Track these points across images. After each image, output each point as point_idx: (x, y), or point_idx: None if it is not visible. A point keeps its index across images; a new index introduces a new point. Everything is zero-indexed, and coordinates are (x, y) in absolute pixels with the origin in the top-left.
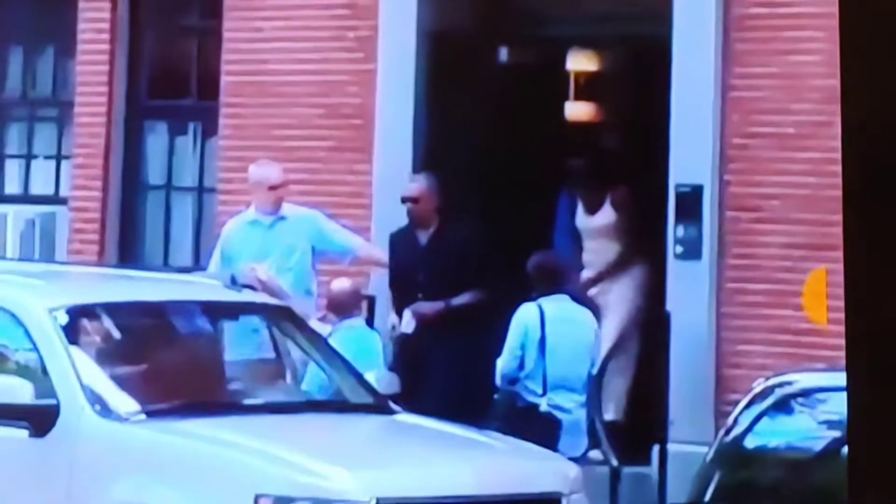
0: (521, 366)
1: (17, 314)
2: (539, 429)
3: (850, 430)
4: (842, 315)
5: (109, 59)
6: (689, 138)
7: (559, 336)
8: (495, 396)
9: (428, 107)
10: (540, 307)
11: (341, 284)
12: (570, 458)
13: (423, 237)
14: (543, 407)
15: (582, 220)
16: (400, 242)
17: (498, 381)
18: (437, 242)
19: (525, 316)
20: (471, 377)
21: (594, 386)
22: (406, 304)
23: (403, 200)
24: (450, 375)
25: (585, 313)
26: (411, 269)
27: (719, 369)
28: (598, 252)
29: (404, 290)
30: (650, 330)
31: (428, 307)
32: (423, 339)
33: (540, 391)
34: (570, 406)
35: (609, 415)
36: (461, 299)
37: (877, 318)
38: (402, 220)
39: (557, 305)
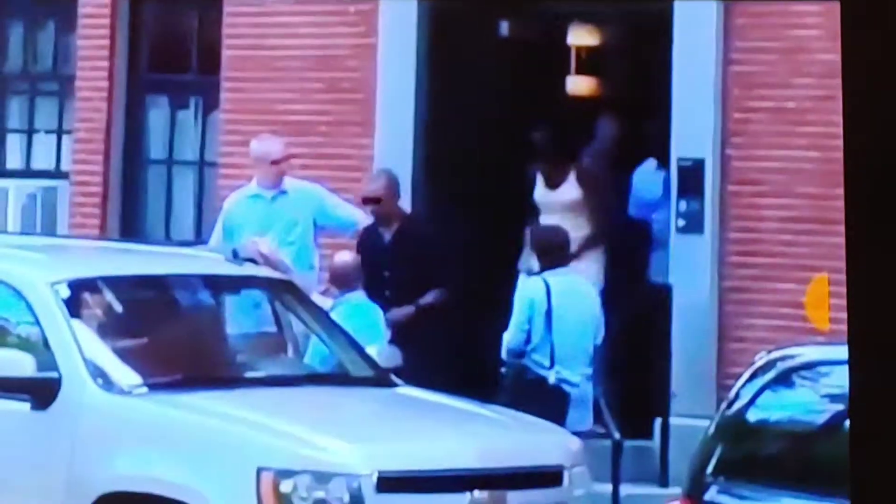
0: (528, 340)
1: (18, 288)
2: (547, 402)
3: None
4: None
5: (110, 34)
6: (690, 112)
7: (565, 309)
8: (502, 370)
9: (429, 81)
10: (545, 281)
11: (343, 258)
12: (577, 433)
13: (387, 235)
14: (552, 380)
15: (542, 193)
16: (367, 241)
17: (504, 354)
18: (400, 240)
19: (531, 289)
20: (469, 352)
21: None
22: (376, 300)
23: (364, 201)
24: (450, 350)
25: (589, 286)
26: (377, 267)
27: (721, 343)
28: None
29: (373, 288)
30: (652, 303)
31: (399, 314)
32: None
33: (547, 364)
34: (576, 380)
35: (611, 388)
36: (429, 298)
37: (880, 324)
38: (404, 193)
39: (562, 279)
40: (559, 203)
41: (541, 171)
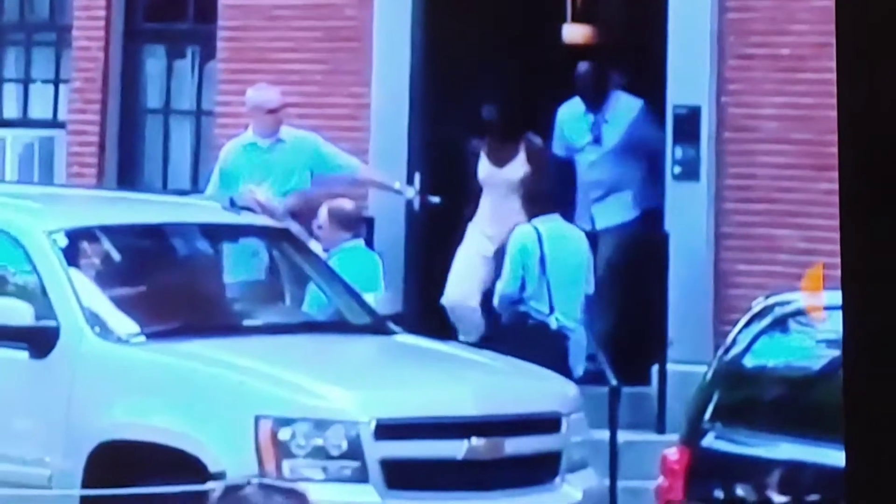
0: (522, 287)
1: (16, 237)
2: (550, 348)
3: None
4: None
5: None
6: (686, 59)
7: (556, 255)
8: (503, 318)
9: (425, 29)
10: (535, 228)
11: (342, 203)
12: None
13: None
14: (553, 325)
15: (488, 171)
16: None
17: (496, 303)
18: None
19: (523, 237)
20: None
21: (593, 306)
22: None
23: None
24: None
25: (578, 232)
26: None
27: (718, 289)
28: (503, 209)
29: None
30: (649, 250)
31: None
32: None
33: (546, 310)
34: (572, 325)
35: (608, 334)
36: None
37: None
38: (400, 142)
39: (552, 225)
40: (506, 181)
41: (487, 148)
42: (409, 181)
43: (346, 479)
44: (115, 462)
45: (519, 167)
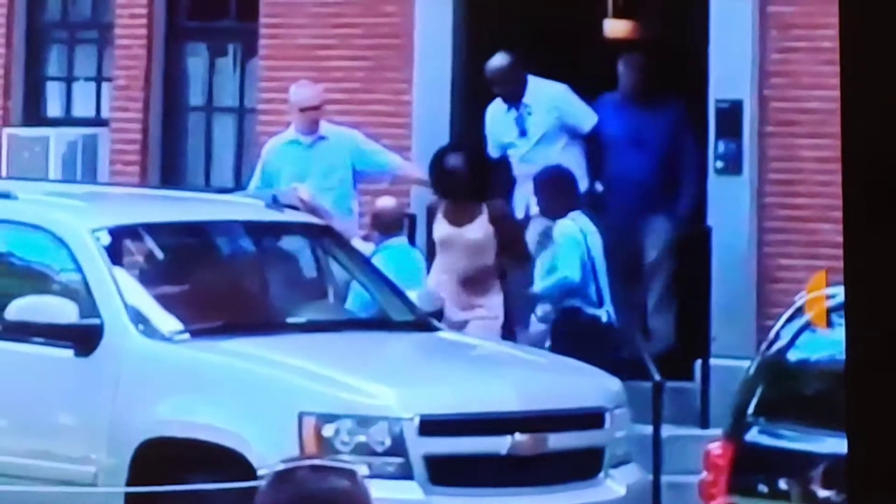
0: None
1: (60, 235)
2: (604, 341)
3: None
4: None
5: None
6: (728, 54)
7: (594, 249)
8: (550, 314)
9: (466, 25)
10: (574, 222)
11: (385, 203)
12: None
13: None
14: (604, 318)
15: (445, 230)
16: None
17: (555, 293)
18: None
19: (572, 230)
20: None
21: (637, 301)
22: None
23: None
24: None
25: (594, 226)
26: None
27: (760, 284)
28: (461, 267)
29: None
30: (691, 245)
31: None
32: None
33: (597, 303)
34: (613, 316)
35: (652, 330)
36: None
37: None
38: (441, 139)
39: (582, 220)
40: (465, 241)
41: (445, 206)
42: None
43: (390, 476)
44: (161, 459)
45: (479, 228)
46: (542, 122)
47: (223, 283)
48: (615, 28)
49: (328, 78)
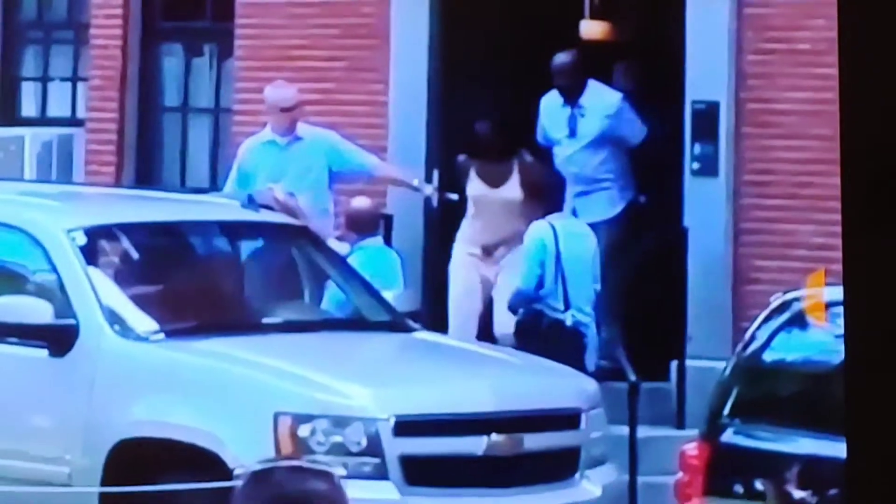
0: (540, 284)
1: (35, 235)
2: (567, 345)
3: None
4: None
5: None
6: (704, 55)
7: (570, 252)
8: (518, 316)
9: (443, 26)
10: (551, 224)
11: (360, 203)
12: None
13: None
14: (569, 322)
15: (480, 191)
16: None
17: (511, 300)
18: None
19: (540, 233)
20: None
21: (613, 301)
22: None
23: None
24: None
25: (587, 229)
26: None
27: (736, 285)
28: (496, 227)
29: None
30: (668, 246)
31: None
32: None
33: (562, 307)
34: (586, 321)
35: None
36: None
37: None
38: (418, 139)
39: (564, 222)
40: (501, 201)
41: (478, 167)
42: (428, 178)
43: (366, 476)
44: (135, 460)
45: (515, 187)
46: (594, 127)
47: (199, 283)
48: (592, 30)
49: (304, 78)
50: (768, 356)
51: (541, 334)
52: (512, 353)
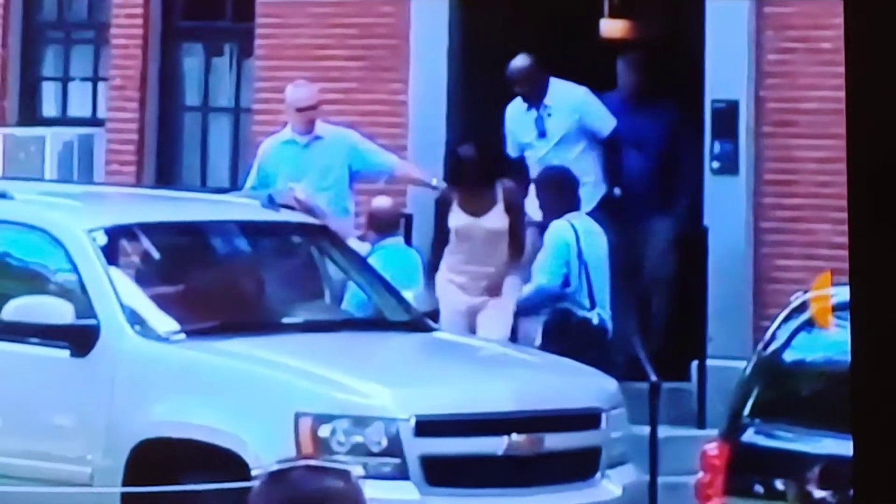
0: (565, 282)
1: (56, 235)
2: (594, 343)
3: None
4: None
5: None
6: (724, 54)
7: (590, 251)
8: (543, 315)
9: (463, 25)
10: (571, 224)
11: (381, 203)
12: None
13: None
14: (595, 321)
15: (462, 221)
16: None
17: (535, 299)
18: None
19: (563, 232)
20: None
21: (635, 302)
22: None
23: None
24: None
25: (599, 228)
26: None
27: (757, 284)
28: (480, 257)
29: None
30: (688, 246)
31: None
32: None
33: (588, 305)
34: (607, 319)
35: (648, 330)
36: None
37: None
38: (438, 138)
39: (582, 221)
40: (486, 231)
41: (460, 197)
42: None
43: (386, 476)
44: (156, 460)
45: (500, 216)
46: (562, 124)
47: (219, 283)
48: (612, 28)
49: (324, 78)
50: (789, 355)
51: (569, 333)
52: (532, 353)
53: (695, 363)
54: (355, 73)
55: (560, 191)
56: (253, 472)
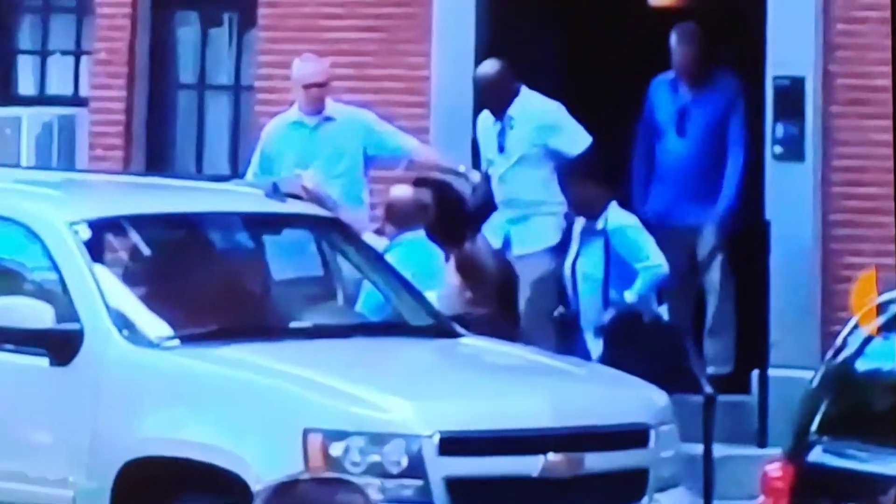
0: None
1: (33, 228)
2: (671, 343)
3: None
4: None
5: None
6: (788, 25)
7: None
8: (610, 314)
9: None
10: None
11: (401, 192)
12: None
13: None
14: (666, 317)
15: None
16: None
17: (655, 282)
18: None
19: (630, 217)
20: None
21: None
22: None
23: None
24: None
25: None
26: None
27: (825, 284)
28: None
29: None
30: (747, 241)
31: None
32: None
33: (657, 302)
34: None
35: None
36: None
37: None
38: (465, 120)
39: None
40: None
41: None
42: (475, 164)
43: (407, 500)
44: (146, 481)
45: (449, 276)
46: (523, 140)
47: (218, 282)
48: None
49: (335, 51)
50: (861, 365)
51: (643, 334)
52: (571, 362)
53: (755, 373)
54: (370, 46)
55: (592, 182)
56: (255, 490)
